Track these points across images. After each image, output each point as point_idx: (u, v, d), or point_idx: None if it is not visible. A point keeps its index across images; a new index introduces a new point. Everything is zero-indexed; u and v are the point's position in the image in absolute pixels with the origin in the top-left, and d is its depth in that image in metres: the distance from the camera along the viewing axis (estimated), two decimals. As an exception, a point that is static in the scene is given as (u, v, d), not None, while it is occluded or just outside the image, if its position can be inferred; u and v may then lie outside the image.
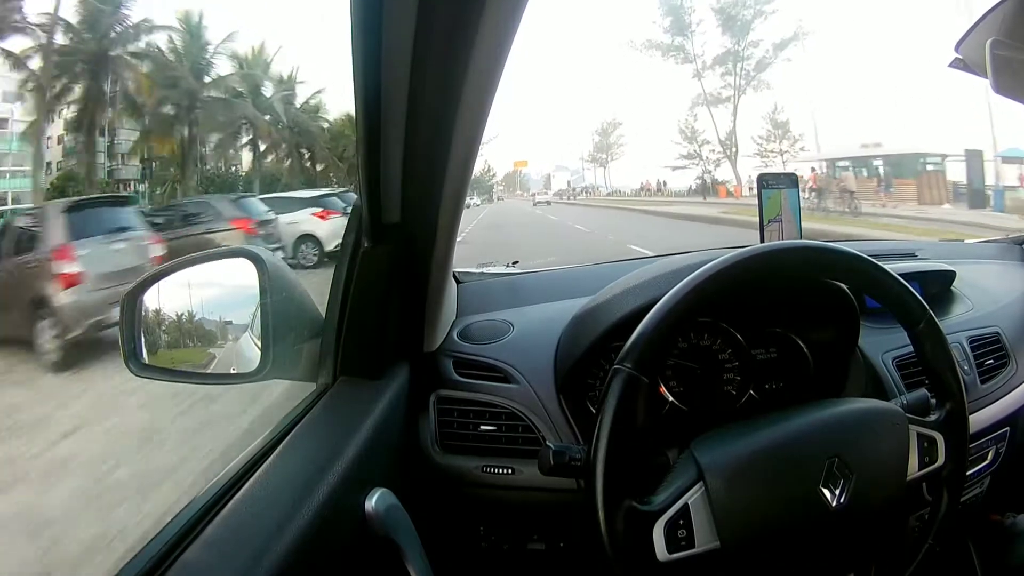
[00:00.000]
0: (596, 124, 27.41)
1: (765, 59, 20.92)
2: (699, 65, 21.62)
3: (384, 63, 0.51)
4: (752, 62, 21.03)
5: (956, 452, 0.63)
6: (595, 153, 27.09)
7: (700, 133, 22.01)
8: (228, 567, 0.45)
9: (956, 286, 1.09)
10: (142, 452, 3.04)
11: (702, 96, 21.58)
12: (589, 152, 27.33)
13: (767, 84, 20.81)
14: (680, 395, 0.80)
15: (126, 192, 14.00)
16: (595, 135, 27.01)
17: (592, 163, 27.35)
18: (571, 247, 8.89)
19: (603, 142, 26.50)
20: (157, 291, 0.70)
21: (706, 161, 21.58)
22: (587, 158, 27.37)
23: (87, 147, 13.59)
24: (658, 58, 21.82)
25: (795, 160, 19.62)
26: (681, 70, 21.55)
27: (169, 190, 14.70)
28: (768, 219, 0.92)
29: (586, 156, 27.40)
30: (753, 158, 20.70)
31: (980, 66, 0.86)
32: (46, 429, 3.43)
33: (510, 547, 0.84)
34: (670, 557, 0.53)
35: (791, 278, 0.70)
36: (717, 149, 21.42)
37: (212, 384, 1.59)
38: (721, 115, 21.47)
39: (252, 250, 0.71)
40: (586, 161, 27.52)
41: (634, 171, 25.10)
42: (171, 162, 14.99)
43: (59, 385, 4.28)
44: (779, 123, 20.56)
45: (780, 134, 20.53)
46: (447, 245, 0.73)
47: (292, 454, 0.61)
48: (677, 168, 22.13)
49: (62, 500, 2.62)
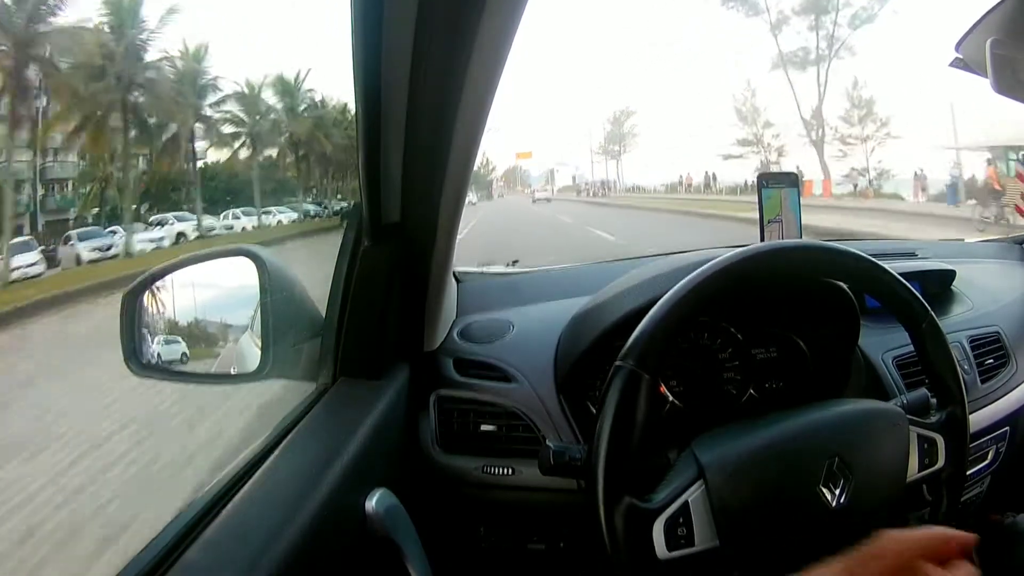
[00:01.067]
0: (607, 113, 25.43)
1: (865, 10, 15.60)
2: (774, 18, 16.58)
3: (384, 63, 0.51)
4: (847, 13, 15.98)
5: (956, 454, 0.63)
6: (606, 144, 24.76)
7: (761, 112, 17.36)
8: (228, 567, 0.45)
9: (956, 286, 1.09)
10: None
11: (778, 59, 16.52)
12: (600, 144, 25.15)
13: (851, 50, 15.77)
14: (680, 394, 0.80)
15: (59, 195, 11.82)
16: (607, 124, 24.99)
17: (603, 155, 25.15)
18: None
19: (615, 132, 24.30)
20: (157, 291, 0.70)
21: (767, 149, 17.03)
22: (597, 150, 25.18)
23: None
24: (715, 7, 16.88)
25: (881, 148, 15.12)
26: (737, 28, 17.79)
27: (95, 192, 12.32)
28: (768, 219, 0.92)
29: (596, 148, 25.29)
30: (831, 143, 15.92)
31: (980, 66, 0.86)
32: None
33: (510, 547, 0.84)
34: (670, 555, 0.53)
35: (791, 277, 0.70)
36: (781, 134, 16.56)
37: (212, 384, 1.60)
38: (778, 92, 15.60)
39: (252, 249, 0.71)
40: (596, 153, 25.43)
41: (655, 164, 23.45)
42: (100, 159, 12.28)
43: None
44: (863, 101, 15.83)
45: (862, 115, 15.71)
46: (447, 244, 0.73)
47: (292, 454, 0.61)
48: (731, 157, 17.71)
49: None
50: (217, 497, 0.53)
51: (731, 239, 1.13)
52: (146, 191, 13.15)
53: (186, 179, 13.80)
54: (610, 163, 25.45)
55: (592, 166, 26.12)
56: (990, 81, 0.83)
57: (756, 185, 0.95)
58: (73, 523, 2.42)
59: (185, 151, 13.69)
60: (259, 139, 14.87)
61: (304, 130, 15.40)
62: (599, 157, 25.82)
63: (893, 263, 0.83)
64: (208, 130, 14.25)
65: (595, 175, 26.33)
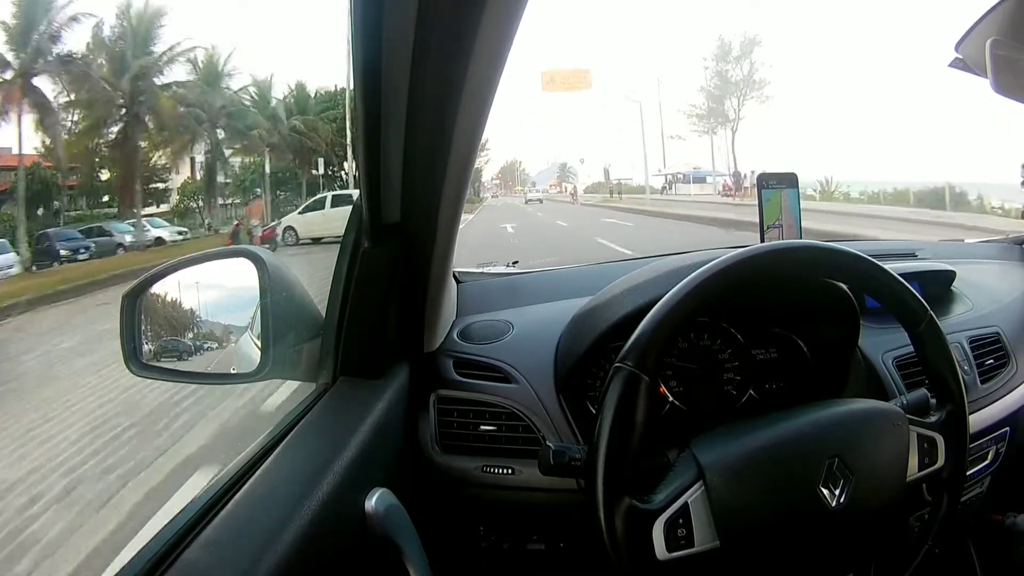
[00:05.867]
0: (706, 48, 16.26)
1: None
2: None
3: (384, 63, 0.51)
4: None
5: (956, 453, 0.63)
6: (711, 103, 14.85)
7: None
8: (228, 567, 0.45)
9: (956, 286, 1.09)
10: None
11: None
12: (701, 103, 15.46)
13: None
14: (680, 395, 0.80)
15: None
16: (710, 61, 15.42)
17: (702, 125, 15.60)
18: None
19: (733, 72, 14.44)
20: (157, 291, 0.70)
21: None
22: (698, 112, 15.51)
23: None
24: None
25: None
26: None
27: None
28: (768, 224, 0.92)
29: (691, 111, 15.71)
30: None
31: (980, 66, 0.86)
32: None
33: (510, 547, 0.84)
34: (669, 556, 0.53)
35: (791, 278, 0.70)
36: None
37: (212, 384, 1.60)
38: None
39: (252, 249, 0.71)
40: (694, 120, 15.64)
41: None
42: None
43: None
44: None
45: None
46: (447, 245, 0.73)
47: (292, 454, 0.61)
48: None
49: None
50: (217, 496, 0.53)
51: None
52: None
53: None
54: (714, 138, 15.73)
55: (643, 156, 17.17)
56: (990, 81, 0.83)
57: (756, 185, 0.95)
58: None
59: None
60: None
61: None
62: (696, 129, 16.20)
63: (893, 264, 0.83)
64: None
65: (667, 163, 17.06)
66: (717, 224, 10.74)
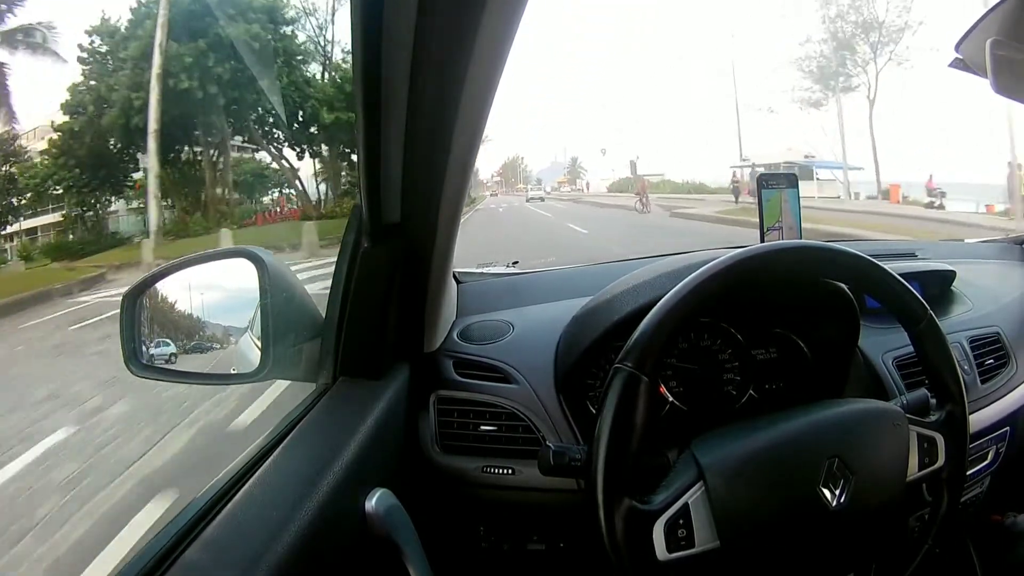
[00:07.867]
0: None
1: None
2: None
3: (384, 63, 0.51)
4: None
5: (956, 453, 0.63)
6: (822, 57, 10.85)
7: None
8: (228, 567, 0.45)
9: (956, 286, 1.09)
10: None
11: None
12: (815, 52, 11.24)
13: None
14: (680, 395, 0.80)
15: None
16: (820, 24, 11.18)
17: (801, 95, 11.81)
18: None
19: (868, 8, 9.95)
20: (157, 292, 0.70)
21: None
22: (812, 67, 11.25)
23: None
24: None
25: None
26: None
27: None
28: (768, 226, 0.92)
29: (802, 65, 11.48)
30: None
31: (980, 66, 0.86)
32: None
33: (510, 547, 0.84)
34: (670, 557, 0.53)
35: (791, 278, 0.70)
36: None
37: (212, 384, 1.60)
38: None
39: (252, 250, 0.71)
40: (797, 91, 12.03)
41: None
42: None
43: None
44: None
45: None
46: (447, 245, 0.73)
47: (292, 454, 0.61)
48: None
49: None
50: (217, 496, 0.54)
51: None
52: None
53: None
54: (821, 111, 12.02)
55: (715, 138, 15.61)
56: (990, 81, 0.82)
57: (756, 185, 0.95)
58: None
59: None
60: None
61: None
62: (795, 101, 12.28)
63: (893, 263, 0.83)
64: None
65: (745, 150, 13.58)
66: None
